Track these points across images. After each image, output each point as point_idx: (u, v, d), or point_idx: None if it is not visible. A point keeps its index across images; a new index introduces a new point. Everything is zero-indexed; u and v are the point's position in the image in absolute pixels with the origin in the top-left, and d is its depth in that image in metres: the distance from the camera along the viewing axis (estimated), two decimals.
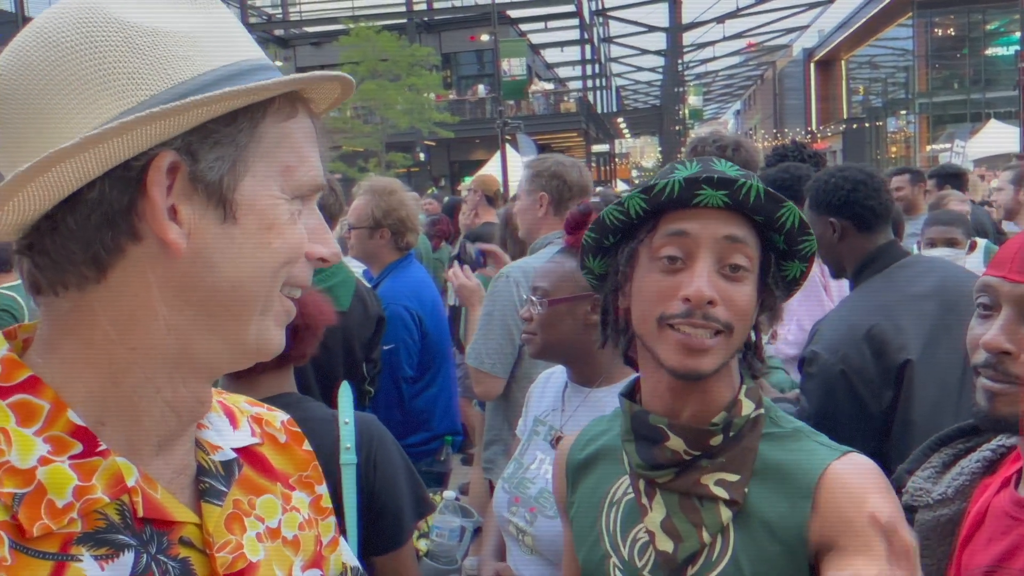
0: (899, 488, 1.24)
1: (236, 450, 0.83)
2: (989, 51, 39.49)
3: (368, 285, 3.16)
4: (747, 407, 1.19)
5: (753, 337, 1.22)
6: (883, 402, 2.19)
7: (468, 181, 18.51)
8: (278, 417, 0.93)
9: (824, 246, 2.36)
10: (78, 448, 0.68)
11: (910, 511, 1.21)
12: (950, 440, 1.29)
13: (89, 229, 0.67)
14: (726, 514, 1.15)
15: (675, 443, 1.17)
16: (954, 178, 6.19)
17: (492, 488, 2.68)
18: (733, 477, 1.15)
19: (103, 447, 0.69)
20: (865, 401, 2.19)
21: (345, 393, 1.81)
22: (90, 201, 0.66)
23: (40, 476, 0.65)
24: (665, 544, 1.16)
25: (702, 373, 1.13)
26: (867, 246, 2.37)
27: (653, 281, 1.15)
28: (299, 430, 0.94)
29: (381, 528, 1.73)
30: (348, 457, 1.70)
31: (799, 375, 2.44)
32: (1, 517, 0.64)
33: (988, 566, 1.11)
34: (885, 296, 2.28)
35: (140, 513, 0.70)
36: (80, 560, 0.66)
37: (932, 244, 3.98)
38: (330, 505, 0.93)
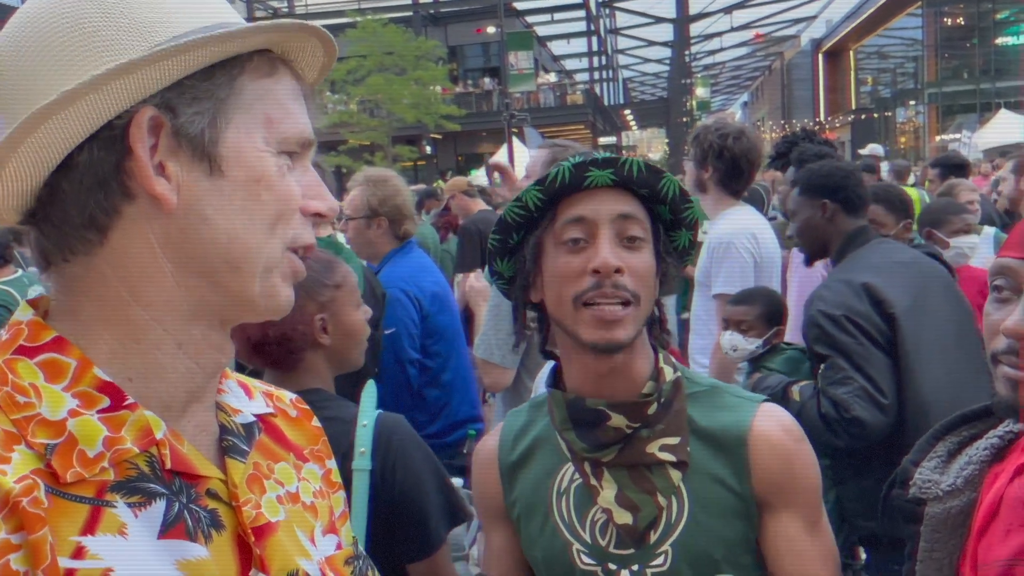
0: (906, 480, 1.21)
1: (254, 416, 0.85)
2: (999, 40, 39.18)
3: (372, 268, 3.18)
4: (668, 373, 1.28)
5: (657, 312, 1.31)
6: (885, 340, 2.33)
7: (475, 173, 18.51)
8: (287, 395, 0.96)
9: (811, 227, 2.70)
10: (106, 402, 0.71)
11: (918, 504, 1.18)
12: (953, 428, 1.26)
13: (83, 192, 0.70)
14: (676, 475, 1.23)
15: (617, 420, 1.23)
16: (957, 169, 6.13)
17: None
18: (674, 440, 1.23)
19: (131, 401, 0.71)
20: (872, 336, 2.32)
21: (369, 393, 1.72)
22: (81, 164, 0.69)
23: (71, 427, 0.68)
24: (624, 517, 1.22)
25: (619, 342, 1.20)
26: (851, 227, 2.64)
27: (562, 264, 1.23)
28: (307, 407, 0.96)
29: (408, 535, 1.63)
30: (361, 463, 1.60)
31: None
32: (35, 465, 0.66)
33: (1009, 559, 1.06)
34: (872, 260, 2.52)
35: (168, 465, 0.72)
36: (115, 506, 0.69)
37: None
38: (339, 480, 0.95)
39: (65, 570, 0.64)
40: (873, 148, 7.37)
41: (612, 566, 1.24)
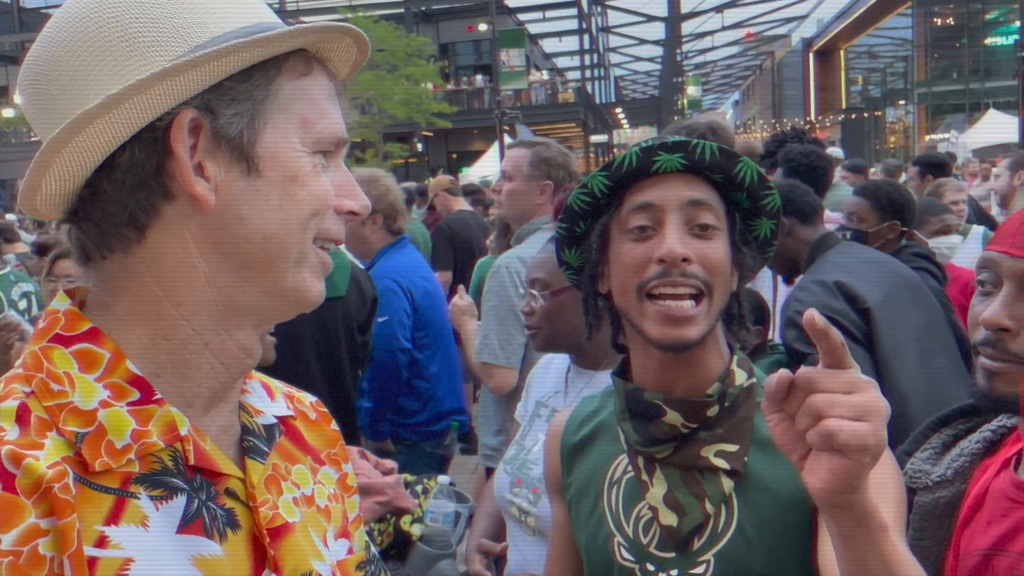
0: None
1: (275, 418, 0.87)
2: (988, 41, 39.41)
3: (362, 267, 3.20)
4: (740, 377, 1.20)
5: (737, 308, 1.23)
6: (863, 335, 2.36)
7: (466, 172, 18.48)
8: (307, 397, 0.97)
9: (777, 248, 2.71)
10: (136, 395, 0.72)
11: (909, 493, 1.19)
12: (950, 420, 1.26)
13: (124, 192, 0.71)
14: (728, 484, 1.16)
15: (672, 417, 1.17)
16: (937, 167, 6.07)
17: (488, 475, 2.69)
18: (732, 447, 1.16)
19: (159, 396, 0.73)
20: (850, 331, 2.34)
21: None
22: (122, 165, 0.71)
23: (101, 418, 0.70)
24: (669, 518, 1.17)
25: (688, 342, 1.14)
26: (813, 235, 2.70)
27: (627, 252, 1.17)
28: (326, 411, 0.97)
29: None
30: None
31: None
32: (66, 452, 0.68)
33: (987, 548, 1.08)
34: (841, 261, 2.57)
35: (191, 461, 0.74)
36: (138, 498, 0.70)
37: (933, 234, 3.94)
38: (355, 484, 0.96)
39: (88, 558, 0.65)
40: (833, 151, 7.37)
41: (650, 567, 1.19)
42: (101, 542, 0.67)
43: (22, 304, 4.53)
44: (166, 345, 0.75)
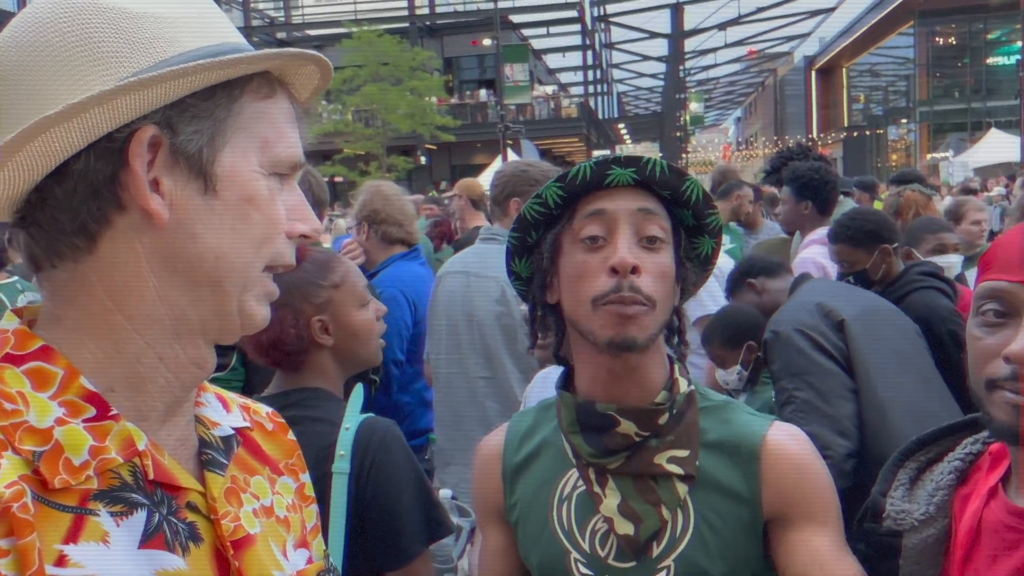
0: (878, 512, 1.18)
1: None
2: (990, 60, 39.55)
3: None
4: (682, 384, 1.25)
5: (676, 321, 1.28)
6: (839, 352, 2.37)
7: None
8: (263, 408, 0.96)
9: (755, 307, 3.01)
10: (91, 412, 0.71)
11: (894, 536, 1.17)
12: (911, 453, 1.23)
13: (76, 199, 0.70)
14: (682, 489, 1.20)
15: (626, 427, 1.20)
16: (915, 182, 6.21)
17: None
18: (683, 453, 1.20)
19: (114, 412, 0.72)
20: (826, 349, 2.35)
21: (356, 395, 1.70)
22: (76, 172, 0.70)
23: (57, 435, 0.69)
24: (625, 527, 1.19)
25: (635, 340, 1.17)
26: (780, 287, 2.96)
27: (580, 262, 1.20)
28: (283, 420, 0.97)
29: (382, 542, 1.59)
30: (340, 465, 1.57)
31: None
32: (23, 471, 0.66)
33: None
34: (819, 287, 2.71)
35: (151, 475, 0.73)
36: (97, 515, 0.69)
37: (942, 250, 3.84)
38: (312, 494, 0.95)
39: None
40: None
41: None
42: (60, 561, 0.66)
43: None
44: (119, 359, 0.74)
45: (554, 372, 2.02)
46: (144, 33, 0.71)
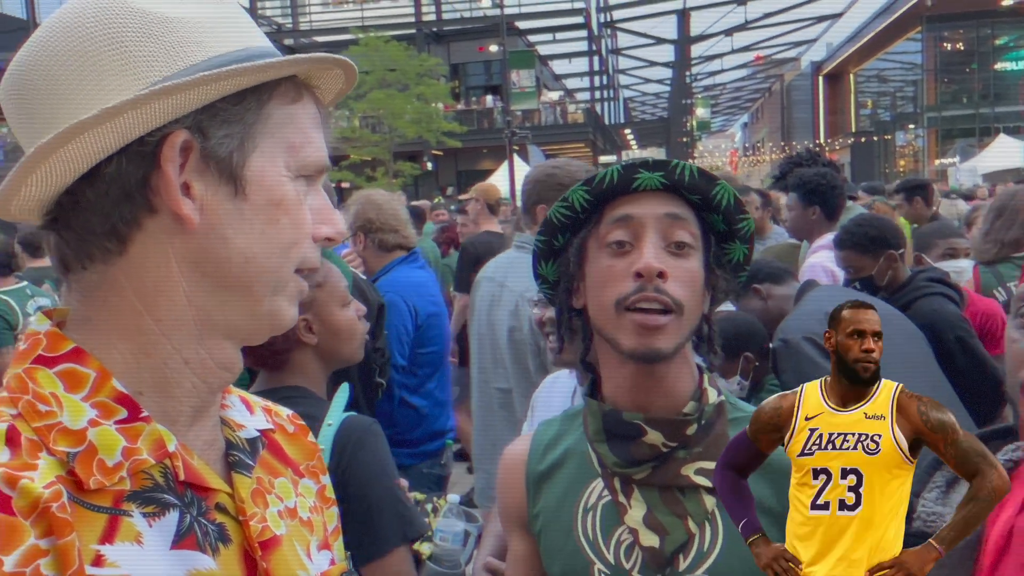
0: (909, 514, 1.20)
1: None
2: (998, 66, 39.43)
3: (364, 277, 3.22)
4: (712, 395, 1.22)
5: (706, 329, 1.24)
6: None
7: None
8: (284, 410, 0.97)
9: (757, 314, 3.02)
10: (123, 413, 0.72)
11: (924, 537, 1.17)
12: None
13: (108, 202, 0.71)
14: (710, 502, 1.16)
15: (653, 437, 1.17)
16: (920, 189, 6.28)
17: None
18: (711, 465, 1.14)
19: (145, 414, 0.73)
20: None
21: (341, 394, 1.75)
22: (108, 175, 0.71)
23: (91, 437, 0.70)
24: (650, 540, 1.16)
25: (659, 351, 1.14)
26: (786, 294, 2.96)
27: (605, 267, 1.18)
28: (304, 423, 0.98)
29: (356, 535, 1.60)
30: None
31: None
32: (59, 472, 0.68)
33: None
34: (826, 294, 2.70)
35: (181, 476, 0.74)
36: (131, 515, 0.70)
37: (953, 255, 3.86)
38: (333, 496, 0.96)
39: None
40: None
41: None
42: (97, 561, 0.66)
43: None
44: (147, 362, 0.74)
45: (563, 378, 2.02)
46: (174, 37, 0.72)
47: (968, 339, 2.72)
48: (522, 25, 33.03)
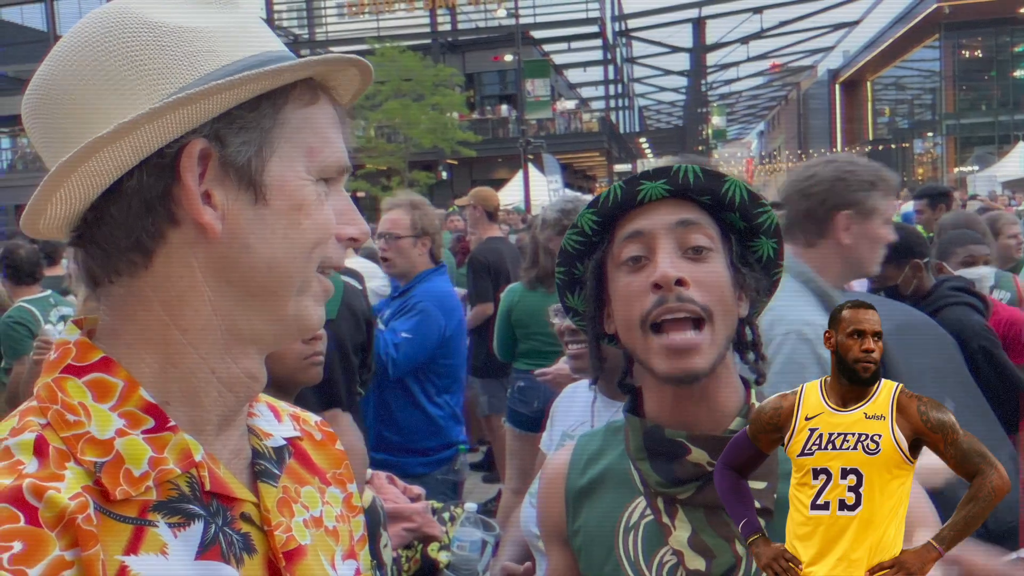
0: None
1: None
2: (1017, 73, 39.13)
3: (358, 287, 3.17)
4: None
5: (750, 334, 1.19)
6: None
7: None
8: (312, 417, 0.97)
9: None
10: (150, 423, 0.72)
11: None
12: None
13: (131, 216, 0.72)
14: (759, 523, 1.12)
15: (698, 455, 1.12)
16: (942, 196, 6.25)
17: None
18: (760, 484, 1.10)
19: (172, 423, 0.73)
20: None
21: None
22: (129, 190, 0.71)
23: (118, 447, 0.70)
24: (696, 563, 1.11)
25: (696, 372, 1.09)
26: None
27: (624, 285, 1.15)
28: (331, 430, 0.97)
29: None
30: None
31: None
32: (85, 482, 0.68)
33: None
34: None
35: (207, 487, 0.74)
36: (156, 526, 0.70)
37: (972, 263, 3.79)
38: (360, 504, 0.96)
39: None
40: None
41: None
42: (122, 572, 0.66)
43: (60, 327, 4.59)
44: (175, 372, 0.75)
45: (580, 388, 2.00)
46: (187, 47, 0.72)
47: (992, 349, 2.68)
48: (537, 35, 33.14)
